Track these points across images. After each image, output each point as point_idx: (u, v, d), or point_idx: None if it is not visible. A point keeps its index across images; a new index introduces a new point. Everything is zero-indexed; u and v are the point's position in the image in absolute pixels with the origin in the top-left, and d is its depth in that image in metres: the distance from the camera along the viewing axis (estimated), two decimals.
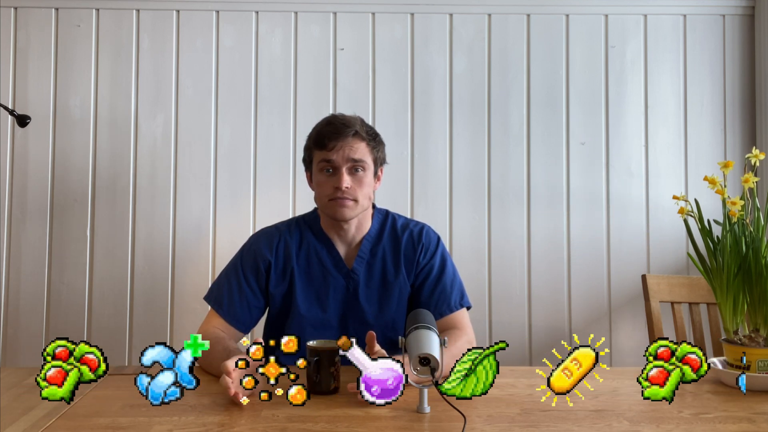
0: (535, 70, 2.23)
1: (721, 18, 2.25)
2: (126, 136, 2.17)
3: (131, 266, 2.15)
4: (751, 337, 1.27)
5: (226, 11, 2.19)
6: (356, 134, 1.45)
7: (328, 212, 1.47)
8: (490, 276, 2.19)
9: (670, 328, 1.81)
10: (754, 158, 1.31)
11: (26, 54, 2.16)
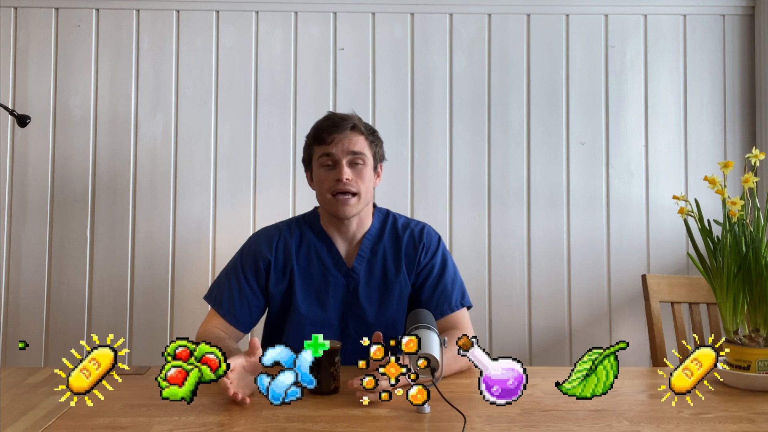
0: (535, 70, 2.23)
1: (721, 18, 2.25)
2: (126, 136, 2.17)
3: (131, 266, 2.15)
4: (751, 337, 1.27)
5: (226, 11, 2.19)
6: (355, 127, 1.47)
7: (331, 209, 1.47)
8: (490, 276, 2.19)
9: (670, 328, 1.81)
10: (754, 158, 1.31)
11: (26, 54, 2.16)
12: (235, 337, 1.48)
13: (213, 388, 1.21)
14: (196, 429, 1.00)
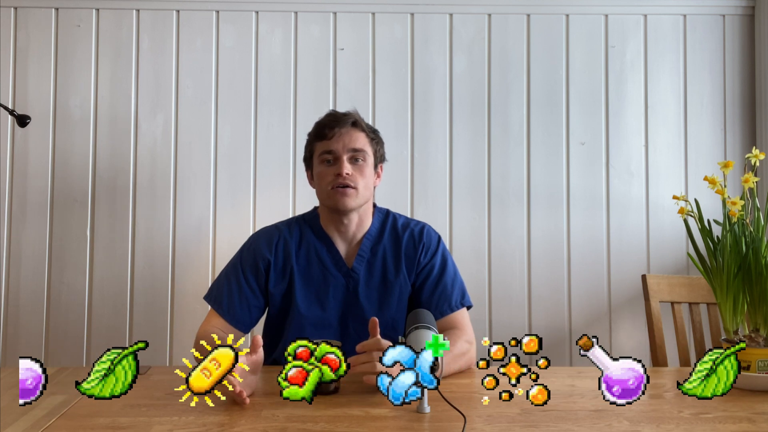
0: (535, 70, 2.23)
1: (721, 18, 2.25)
2: (126, 136, 2.17)
3: (131, 266, 2.15)
4: (751, 337, 1.27)
5: (226, 11, 2.19)
6: (356, 124, 1.48)
7: (330, 203, 1.47)
8: (490, 276, 2.19)
9: (670, 328, 1.81)
10: (754, 158, 1.31)
11: (26, 54, 2.16)
12: (235, 336, 1.47)
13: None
14: (196, 429, 1.00)
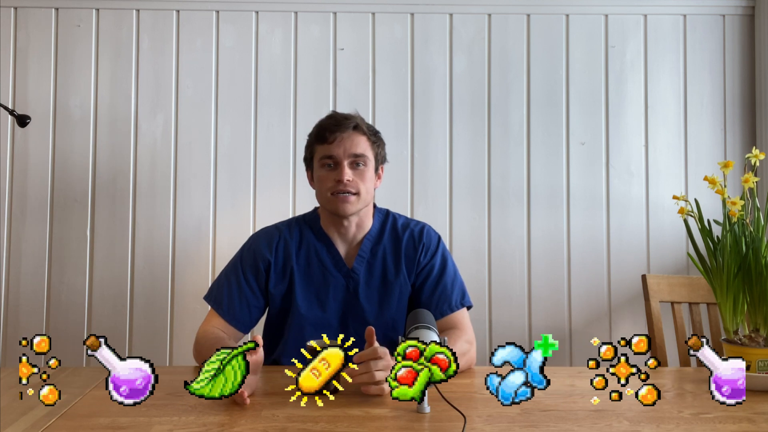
0: (535, 70, 2.23)
1: (721, 18, 2.25)
2: (126, 136, 2.17)
3: (131, 266, 2.15)
4: (751, 337, 1.27)
5: (226, 11, 2.19)
6: (357, 127, 1.47)
7: (330, 208, 1.47)
8: (490, 276, 2.19)
9: (670, 328, 1.81)
10: (754, 158, 1.31)
11: (26, 54, 2.16)
12: (235, 337, 1.48)
13: None
14: (196, 429, 1.00)
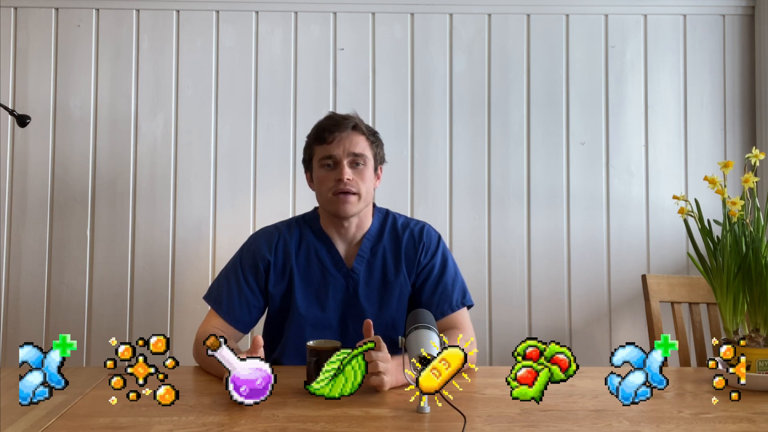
0: (535, 70, 2.23)
1: (721, 18, 2.25)
2: (126, 136, 2.17)
3: (131, 266, 2.15)
4: (751, 337, 1.27)
5: (226, 11, 2.19)
6: (356, 127, 1.47)
7: (331, 209, 1.47)
8: (490, 276, 2.19)
9: (670, 328, 1.81)
10: (754, 158, 1.31)
11: (26, 54, 2.16)
12: (235, 337, 1.48)
13: (214, 387, 1.21)
14: (196, 429, 1.00)
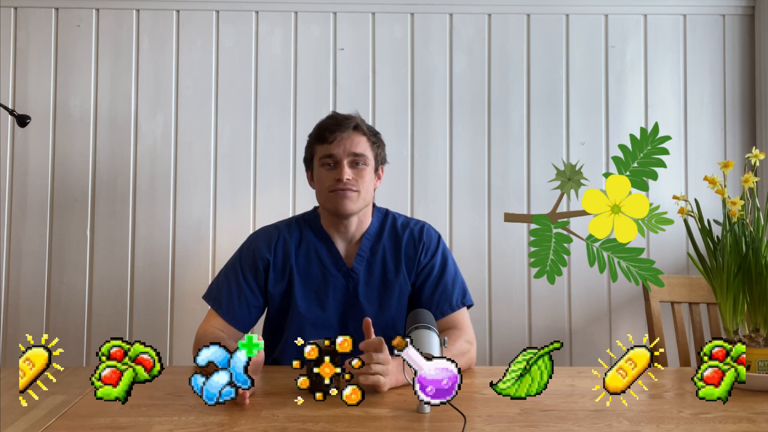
0: (535, 70, 2.23)
1: (721, 18, 2.25)
2: (126, 136, 2.17)
3: (131, 266, 2.15)
4: (751, 337, 1.27)
5: (226, 11, 2.19)
6: (357, 127, 1.47)
7: (330, 206, 1.47)
8: (490, 276, 2.19)
9: (670, 328, 1.81)
10: (754, 158, 1.31)
11: (26, 54, 2.16)
12: (235, 336, 1.48)
13: None
14: (196, 429, 1.00)
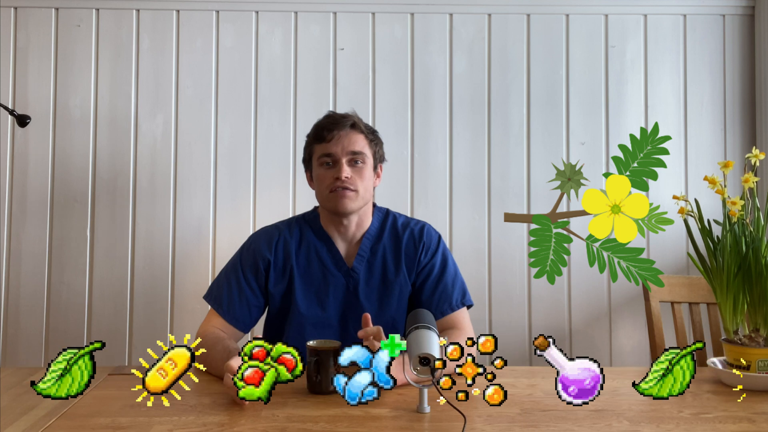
0: (535, 70, 2.23)
1: (721, 18, 2.25)
2: (126, 136, 2.17)
3: (131, 266, 2.15)
4: (751, 337, 1.27)
5: (226, 11, 2.19)
6: (355, 126, 1.47)
7: (329, 206, 1.47)
8: (490, 276, 2.19)
9: (670, 328, 1.81)
10: (754, 158, 1.31)
11: (26, 54, 2.16)
12: (235, 336, 1.48)
13: (214, 387, 1.21)
14: (196, 429, 1.00)
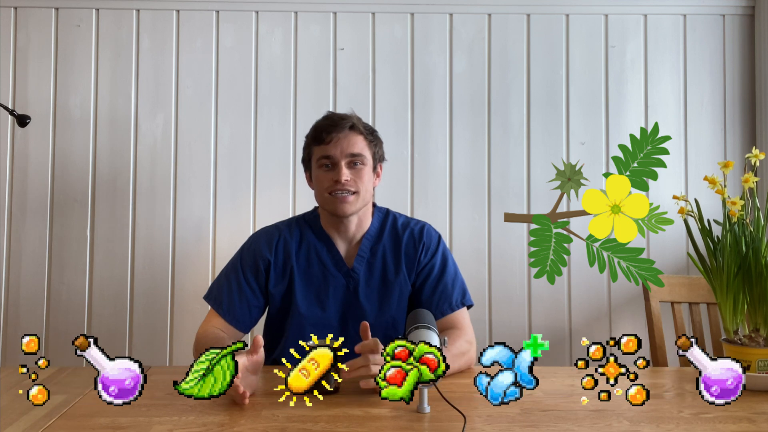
0: (535, 70, 2.23)
1: (721, 18, 2.25)
2: (126, 136, 2.17)
3: (131, 266, 2.15)
4: (751, 337, 1.27)
5: (226, 11, 2.19)
6: (353, 127, 1.47)
7: (329, 208, 1.47)
8: (490, 276, 2.19)
9: (670, 328, 1.81)
10: (754, 158, 1.31)
11: (26, 54, 2.16)
12: (235, 336, 1.48)
13: None
14: (196, 429, 1.00)
